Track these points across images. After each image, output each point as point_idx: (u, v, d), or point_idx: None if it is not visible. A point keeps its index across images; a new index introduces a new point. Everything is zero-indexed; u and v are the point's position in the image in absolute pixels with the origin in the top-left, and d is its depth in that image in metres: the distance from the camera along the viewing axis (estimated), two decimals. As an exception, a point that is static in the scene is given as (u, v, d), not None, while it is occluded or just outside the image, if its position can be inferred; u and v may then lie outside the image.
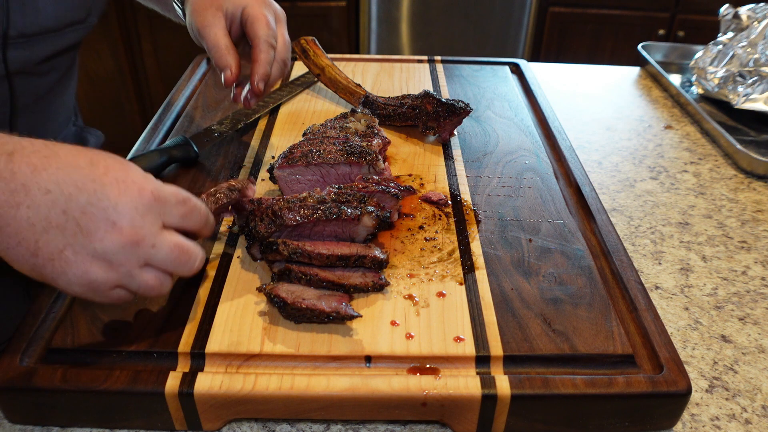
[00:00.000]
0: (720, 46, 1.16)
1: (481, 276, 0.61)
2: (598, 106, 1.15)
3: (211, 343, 0.53)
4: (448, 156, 0.83)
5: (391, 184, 0.66)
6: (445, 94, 1.02)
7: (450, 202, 0.73)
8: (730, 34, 1.18)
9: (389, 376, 0.51)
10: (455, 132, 0.88)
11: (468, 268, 0.63)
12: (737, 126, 1.08)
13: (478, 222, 0.70)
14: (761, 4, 1.16)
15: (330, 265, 0.58)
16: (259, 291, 0.59)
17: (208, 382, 0.50)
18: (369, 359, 0.53)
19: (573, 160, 0.83)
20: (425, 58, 1.16)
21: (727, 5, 1.22)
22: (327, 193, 0.63)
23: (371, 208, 0.61)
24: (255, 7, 0.74)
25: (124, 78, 2.49)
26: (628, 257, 0.66)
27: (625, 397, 0.51)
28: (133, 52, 2.45)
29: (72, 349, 0.53)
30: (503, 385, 0.51)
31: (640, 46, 1.31)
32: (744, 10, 1.17)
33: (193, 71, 1.08)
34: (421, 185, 0.76)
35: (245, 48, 0.78)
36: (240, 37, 0.77)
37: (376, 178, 0.68)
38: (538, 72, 1.26)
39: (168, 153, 0.77)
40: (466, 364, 0.53)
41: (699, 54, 1.21)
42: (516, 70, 1.14)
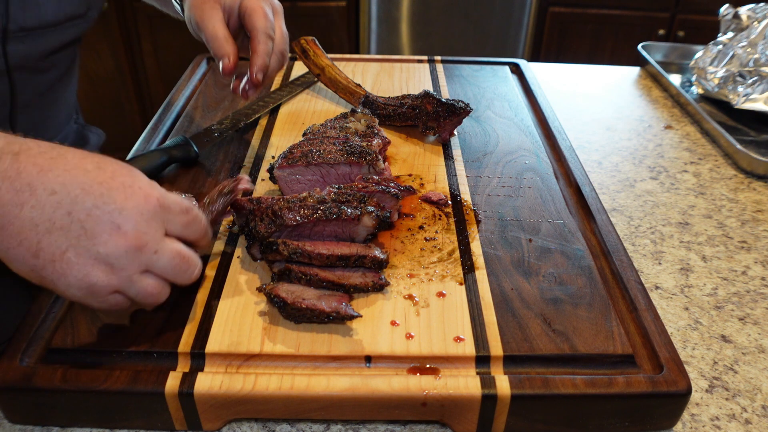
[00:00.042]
0: (720, 46, 1.16)
1: (481, 276, 0.61)
2: (598, 106, 1.15)
3: (211, 343, 0.53)
4: (448, 156, 0.83)
5: (391, 184, 0.66)
6: (445, 94, 1.02)
7: (450, 202, 0.73)
8: (730, 34, 1.18)
9: (389, 376, 0.51)
10: (455, 132, 0.88)
11: (468, 268, 0.63)
12: (737, 126, 1.08)
13: (478, 222, 0.70)
14: (761, 4, 1.16)
15: (330, 265, 0.58)
16: (259, 291, 0.59)
17: (208, 382, 0.50)
18: (369, 359, 0.53)
19: (573, 160, 0.83)
20: (425, 58, 1.16)
21: (727, 5, 1.22)
22: (327, 193, 0.63)
23: (371, 208, 0.61)
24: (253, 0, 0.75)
25: (124, 78, 2.49)
26: (628, 257, 0.66)
27: (625, 397, 0.51)
28: (133, 52, 2.45)
29: (72, 349, 0.53)
30: (503, 385, 0.51)
31: (640, 46, 1.31)
32: (744, 10, 1.17)
33: (193, 71, 1.08)
34: (421, 185, 0.76)
35: (244, 41, 0.78)
36: (238, 30, 0.77)
37: (376, 178, 0.68)
38: (538, 72, 1.26)
39: (168, 153, 0.77)
40: (466, 364, 0.53)
41: (699, 54, 1.21)
42: (516, 70, 1.14)
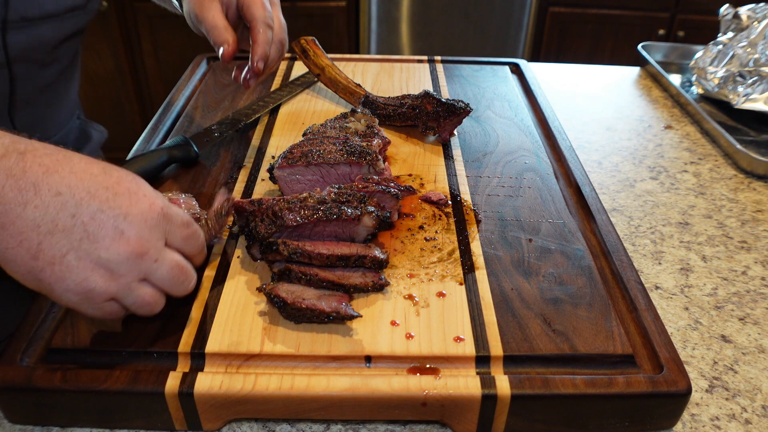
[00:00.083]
0: (720, 46, 1.16)
1: (481, 276, 0.61)
2: (598, 106, 1.15)
3: (211, 343, 0.53)
4: (448, 156, 0.83)
5: (391, 184, 0.66)
6: (445, 94, 1.02)
7: (450, 202, 0.73)
8: (730, 34, 1.18)
9: (389, 376, 0.51)
10: (455, 132, 0.88)
11: (468, 268, 0.63)
12: (737, 126, 1.08)
13: (478, 222, 0.70)
14: (761, 4, 1.16)
15: (330, 265, 0.58)
16: (259, 291, 0.59)
17: (208, 382, 0.50)
18: (369, 359, 0.53)
19: (573, 160, 0.83)
20: (425, 58, 1.16)
21: (727, 5, 1.22)
22: (327, 193, 0.63)
23: (371, 208, 0.61)
24: None
25: (124, 78, 2.49)
26: (628, 257, 0.66)
27: (625, 397, 0.51)
28: (133, 52, 2.45)
29: (72, 349, 0.53)
30: (503, 385, 0.51)
31: (640, 46, 1.31)
32: (744, 10, 1.17)
33: (193, 71, 1.08)
34: (421, 185, 0.76)
35: (243, 32, 0.80)
36: (237, 21, 0.79)
37: (376, 178, 0.68)
38: (538, 72, 1.26)
39: (168, 153, 0.77)
40: (466, 364, 0.53)
41: (699, 54, 1.21)
42: (516, 70, 1.14)
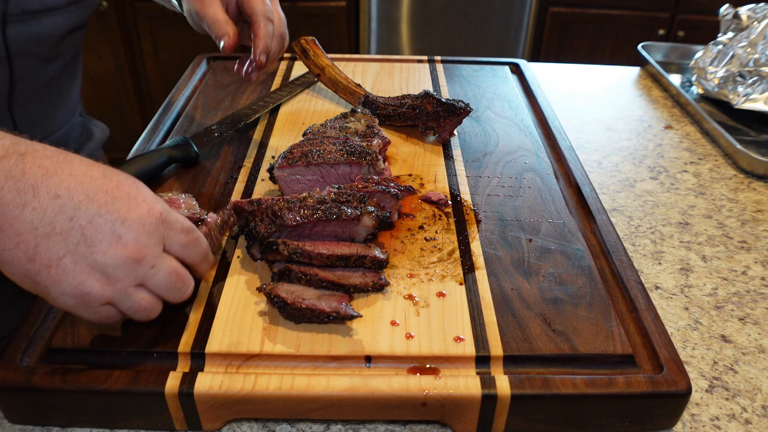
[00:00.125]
0: (720, 46, 1.16)
1: (481, 276, 0.61)
2: (598, 106, 1.15)
3: (211, 343, 0.53)
4: (448, 156, 0.83)
5: (391, 184, 0.66)
6: (445, 94, 1.02)
7: (450, 202, 0.73)
8: (730, 34, 1.18)
9: (389, 376, 0.51)
10: (455, 132, 0.88)
11: (468, 268, 0.63)
12: (737, 126, 1.08)
13: (478, 222, 0.70)
14: (761, 4, 1.16)
15: (330, 265, 0.58)
16: (259, 291, 0.59)
17: (208, 382, 0.50)
18: (369, 359, 0.53)
19: (573, 160, 0.83)
20: (425, 58, 1.16)
21: (727, 5, 1.22)
22: (327, 193, 0.63)
23: (371, 208, 0.61)
24: None
25: (124, 78, 2.49)
26: (628, 257, 0.66)
27: (625, 397, 0.51)
28: (133, 52, 2.45)
29: (72, 349, 0.53)
30: (503, 385, 0.51)
31: (640, 46, 1.31)
32: (744, 10, 1.17)
33: (193, 71, 1.08)
34: (421, 185, 0.76)
35: (243, 28, 0.81)
36: (237, 17, 0.80)
37: (376, 178, 0.68)
38: (538, 72, 1.26)
39: (168, 153, 0.77)
40: (466, 364, 0.53)
41: (699, 54, 1.21)
42: (516, 70, 1.14)
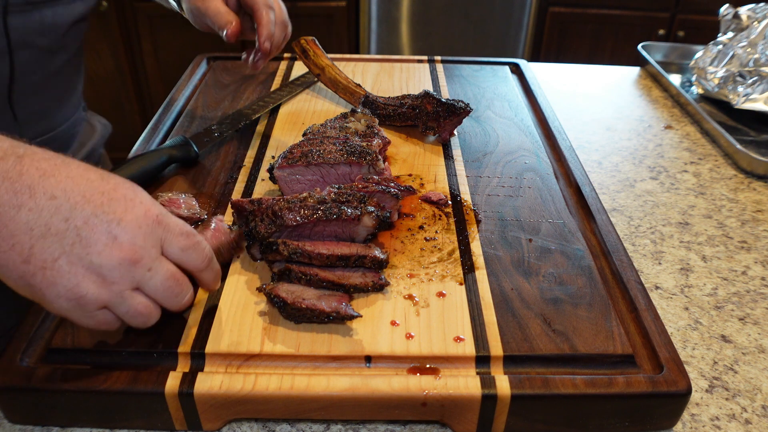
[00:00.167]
0: (720, 46, 1.16)
1: (481, 276, 0.61)
2: (598, 106, 1.15)
3: (211, 343, 0.53)
4: (448, 156, 0.83)
5: (391, 184, 0.66)
6: (445, 94, 1.02)
7: (450, 202, 0.73)
8: (730, 34, 1.18)
9: (389, 376, 0.51)
10: (455, 132, 0.88)
11: (468, 268, 0.63)
12: (737, 126, 1.08)
13: (478, 222, 0.70)
14: (761, 4, 1.16)
15: (330, 265, 0.58)
16: (259, 291, 0.59)
17: (208, 382, 0.50)
18: (369, 359, 0.53)
19: (573, 160, 0.83)
20: (425, 58, 1.16)
21: (727, 5, 1.22)
22: (327, 193, 0.63)
23: (371, 208, 0.61)
24: None
25: (124, 78, 2.49)
26: (628, 257, 0.66)
27: (625, 397, 0.51)
28: (133, 52, 2.45)
29: (72, 349, 0.53)
30: (503, 385, 0.51)
31: (640, 46, 1.31)
32: (744, 10, 1.17)
33: (193, 71, 1.08)
34: (421, 185, 0.76)
35: (246, 21, 0.83)
36: (237, 11, 0.82)
37: (376, 178, 0.68)
38: (538, 72, 1.26)
39: (168, 153, 0.77)
40: (466, 364, 0.53)
41: (699, 54, 1.21)
42: (516, 70, 1.14)
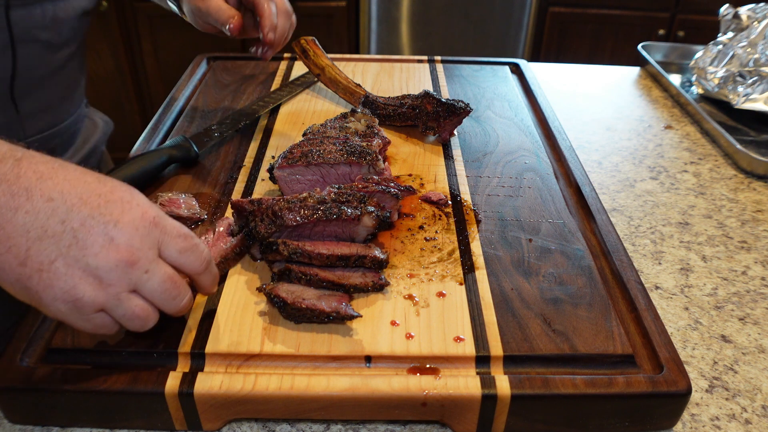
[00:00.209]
0: (720, 46, 1.16)
1: (481, 276, 0.61)
2: (598, 106, 1.15)
3: (211, 343, 0.53)
4: (448, 156, 0.83)
5: (391, 184, 0.66)
6: (445, 94, 1.02)
7: (450, 202, 0.73)
8: (730, 34, 1.18)
9: (389, 376, 0.51)
10: (455, 132, 0.88)
11: (468, 268, 0.63)
12: (737, 126, 1.08)
13: (478, 222, 0.70)
14: (761, 4, 1.16)
15: (330, 265, 0.58)
16: (259, 291, 0.59)
17: (208, 382, 0.50)
18: (369, 359, 0.53)
19: (573, 160, 0.83)
20: (425, 58, 1.16)
21: (727, 5, 1.22)
22: (327, 193, 0.63)
23: (371, 208, 0.61)
24: None
25: (124, 78, 2.49)
26: (628, 257, 0.66)
27: (625, 397, 0.51)
28: (133, 52, 2.45)
29: (72, 349, 0.53)
30: (503, 385, 0.51)
31: (640, 46, 1.31)
32: (744, 10, 1.17)
33: (193, 71, 1.08)
34: (421, 185, 0.76)
35: (248, 18, 0.83)
36: (238, 7, 0.83)
37: (376, 178, 0.68)
38: (538, 72, 1.26)
39: (168, 153, 0.77)
40: (466, 364, 0.53)
41: (699, 54, 1.21)
42: (516, 70, 1.14)
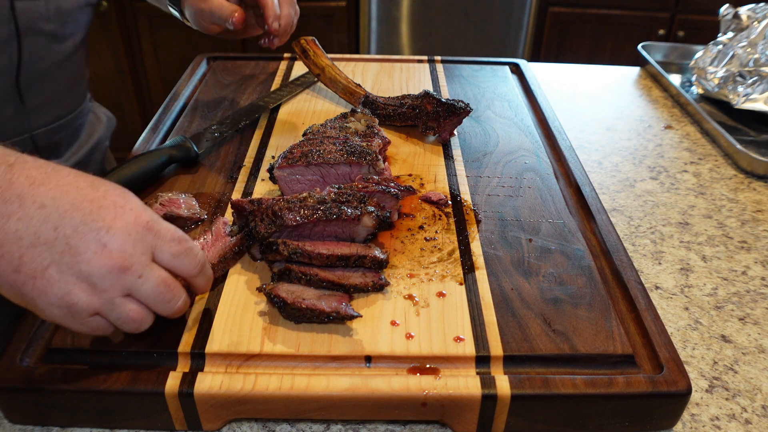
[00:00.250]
0: (720, 46, 1.16)
1: (481, 276, 0.61)
2: (598, 106, 1.15)
3: (211, 343, 0.53)
4: (448, 156, 0.83)
5: (391, 184, 0.66)
6: (445, 94, 1.02)
7: (450, 202, 0.73)
8: (730, 34, 1.18)
9: (389, 376, 0.51)
10: (455, 132, 0.88)
11: (468, 268, 0.63)
12: (737, 126, 1.08)
13: (478, 222, 0.70)
14: (761, 4, 1.16)
15: (330, 265, 0.58)
16: (259, 291, 0.59)
17: (208, 382, 0.50)
18: (369, 359, 0.53)
19: (573, 160, 0.83)
20: (425, 58, 1.16)
21: (727, 5, 1.22)
22: (327, 193, 0.63)
23: (371, 208, 0.61)
24: None
25: (124, 78, 2.49)
26: (628, 257, 0.66)
27: (625, 397, 0.51)
28: (133, 52, 2.45)
29: (72, 349, 0.53)
30: (503, 385, 0.51)
31: (640, 46, 1.31)
32: (744, 10, 1.17)
33: (193, 71, 1.08)
34: (421, 185, 0.76)
35: (250, 16, 0.84)
36: (239, 3, 0.83)
37: (376, 178, 0.68)
38: (538, 72, 1.26)
39: (168, 153, 0.77)
40: (466, 364, 0.53)
41: (699, 54, 1.21)
42: (516, 70, 1.14)
